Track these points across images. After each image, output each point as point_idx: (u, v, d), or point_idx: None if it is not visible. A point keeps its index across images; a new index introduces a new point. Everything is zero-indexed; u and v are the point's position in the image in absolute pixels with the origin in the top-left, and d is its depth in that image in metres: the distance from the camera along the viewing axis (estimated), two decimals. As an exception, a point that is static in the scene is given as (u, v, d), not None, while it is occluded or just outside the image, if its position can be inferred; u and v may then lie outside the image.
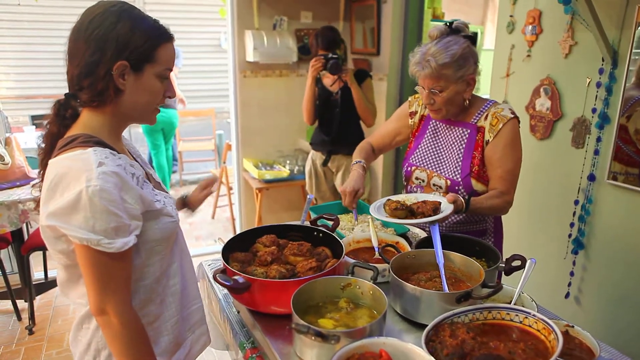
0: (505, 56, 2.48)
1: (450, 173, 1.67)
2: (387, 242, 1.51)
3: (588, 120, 2.10)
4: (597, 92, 2.04)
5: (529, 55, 2.36)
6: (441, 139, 1.74)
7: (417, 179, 1.77)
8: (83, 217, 0.93)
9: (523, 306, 1.24)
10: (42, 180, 1.07)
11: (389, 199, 1.53)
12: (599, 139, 2.05)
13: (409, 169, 1.80)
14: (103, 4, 1.05)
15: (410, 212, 1.46)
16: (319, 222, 1.54)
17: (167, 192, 1.20)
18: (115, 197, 0.95)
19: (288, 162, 3.82)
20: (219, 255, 1.35)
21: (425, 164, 1.75)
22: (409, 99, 1.89)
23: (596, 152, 2.07)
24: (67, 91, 1.08)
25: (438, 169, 1.71)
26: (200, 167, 6.74)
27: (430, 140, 1.77)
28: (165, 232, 1.11)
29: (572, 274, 2.26)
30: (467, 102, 1.63)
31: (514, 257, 1.40)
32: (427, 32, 1.61)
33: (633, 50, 1.86)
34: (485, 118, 1.64)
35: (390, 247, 1.45)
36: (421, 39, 3.43)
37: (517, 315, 1.10)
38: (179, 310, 1.19)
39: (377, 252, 1.46)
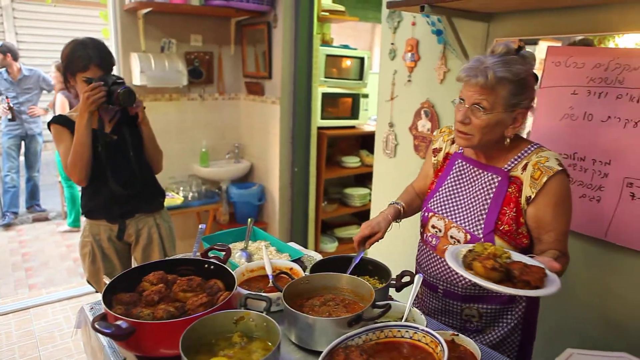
0: (389, 81, 2.63)
1: (470, 226, 1.44)
2: (281, 269, 1.49)
3: (463, 139, 2.29)
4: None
5: (409, 80, 2.52)
6: (465, 184, 1.51)
7: (433, 227, 1.53)
8: None
9: (414, 321, 1.29)
10: None
11: (471, 250, 1.26)
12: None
13: (426, 214, 1.57)
14: None
15: (507, 275, 1.18)
16: (210, 254, 1.49)
17: None
18: None
19: (182, 188, 3.68)
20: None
21: (443, 211, 1.52)
22: (434, 133, 1.66)
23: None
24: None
25: (457, 219, 1.47)
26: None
27: (453, 183, 1.53)
28: None
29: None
30: (508, 141, 1.38)
31: (404, 273, 1.46)
32: (491, 47, 1.39)
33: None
34: (524, 168, 1.38)
35: (284, 274, 1.43)
36: (311, 63, 3.53)
37: (407, 331, 1.15)
38: None
39: (271, 281, 1.44)
